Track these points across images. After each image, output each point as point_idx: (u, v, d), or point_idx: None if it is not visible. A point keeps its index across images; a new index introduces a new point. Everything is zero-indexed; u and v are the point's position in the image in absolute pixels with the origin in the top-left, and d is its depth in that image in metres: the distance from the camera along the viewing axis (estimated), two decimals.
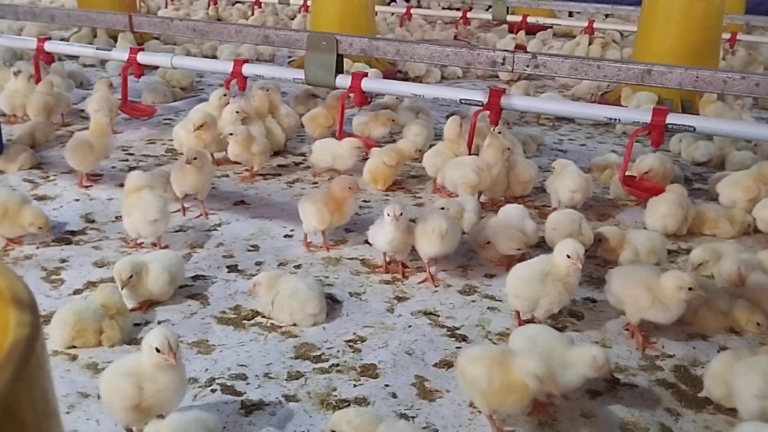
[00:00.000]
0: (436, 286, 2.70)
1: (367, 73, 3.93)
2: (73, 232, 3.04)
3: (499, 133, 3.50)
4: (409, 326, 2.43)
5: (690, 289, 2.23)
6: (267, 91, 4.05)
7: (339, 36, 3.87)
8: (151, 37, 7.14)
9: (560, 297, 2.32)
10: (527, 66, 3.48)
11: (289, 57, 7.55)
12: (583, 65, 3.38)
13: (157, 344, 1.72)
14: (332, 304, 2.54)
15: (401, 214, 2.60)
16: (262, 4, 10.05)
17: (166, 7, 10.39)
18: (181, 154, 3.96)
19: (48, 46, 4.55)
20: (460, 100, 3.65)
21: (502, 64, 3.54)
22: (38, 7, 4.83)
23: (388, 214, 2.60)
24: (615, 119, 3.38)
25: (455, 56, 3.63)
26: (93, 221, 3.17)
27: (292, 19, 9.72)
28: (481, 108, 3.59)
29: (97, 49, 4.50)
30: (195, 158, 3.10)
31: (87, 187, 3.54)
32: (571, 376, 1.94)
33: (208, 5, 10.34)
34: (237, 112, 3.78)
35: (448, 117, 3.75)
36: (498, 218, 2.88)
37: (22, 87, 4.42)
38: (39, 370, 0.58)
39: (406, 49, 3.72)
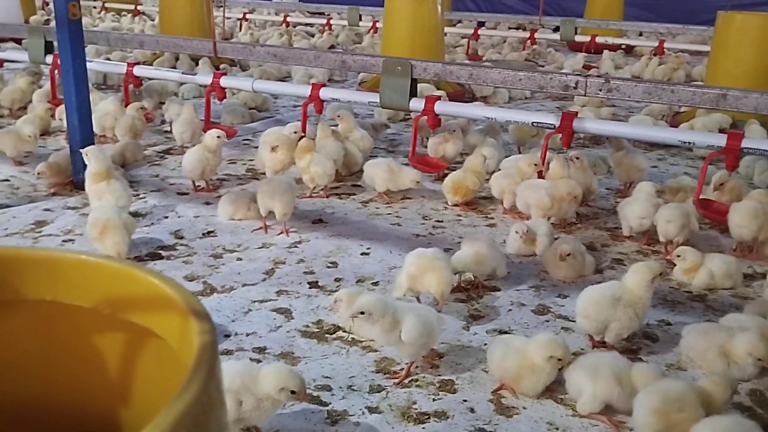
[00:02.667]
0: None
1: (440, 97, 4.04)
2: (164, 248, 3.23)
3: (577, 158, 3.57)
4: (485, 344, 2.51)
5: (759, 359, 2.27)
6: (339, 117, 4.22)
7: (413, 61, 4.00)
8: (228, 60, 7.43)
9: (631, 322, 2.37)
10: (600, 90, 3.53)
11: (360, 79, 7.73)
12: (657, 89, 3.41)
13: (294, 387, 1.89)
14: None
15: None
16: (332, 27, 10.32)
17: (240, 30, 10.75)
18: (263, 174, 4.16)
19: (137, 71, 4.82)
20: (532, 123, 3.73)
21: (575, 88, 3.60)
22: (128, 34, 5.13)
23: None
24: (689, 143, 3.39)
25: (528, 80, 3.71)
26: (182, 237, 3.35)
27: (358, 43, 9.94)
28: (553, 131, 3.65)
29: (182, 73, 4.75)
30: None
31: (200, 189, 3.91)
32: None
33: (284, 23, 10.68)
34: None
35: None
36: None
37: (112, 109, 4.70)
38: (219, 370, 0.70)
39: (479, 74, 3.82)
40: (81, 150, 3.44)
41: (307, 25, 11.24)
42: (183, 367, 0.79)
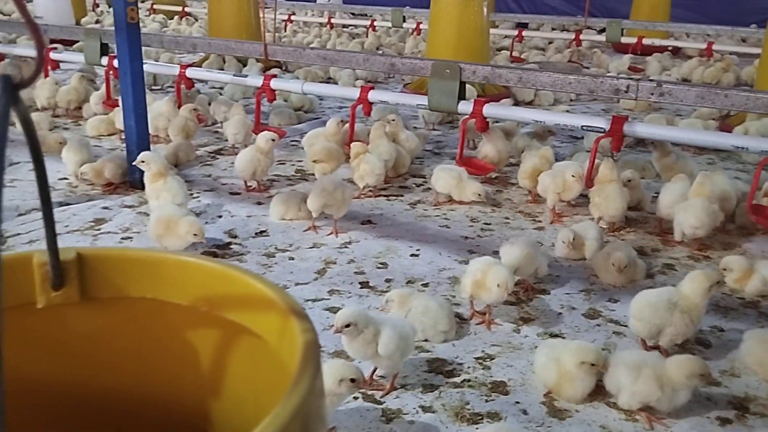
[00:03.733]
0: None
1: (489, 100, 4.05)
2: (218, 246, 3.31)
3: (629, 181, 3.60)
4: (536, 347, 2.52)
5: None
6: (392, 121, 4.27)
7: (462, 64, 4.02)
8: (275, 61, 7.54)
9: (686, 329, 2.37)
10: (651, 94, 3.51)
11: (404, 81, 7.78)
12: (710, 94, 3.39)
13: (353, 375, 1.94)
14: (460, 323, 2.68)
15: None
16: (377, 28, 10.38)
17: (285, 31, 10.87)
18: (311, 174, 4.23)
19: (189, 73, 4.93)
20: (582, 126, 3.73)
21: (626, 92, 3.59)
22: (182, 37, 5.25)
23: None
24: (742, 148, 3.36)
25: (578, 84, 3.71)
26: (236, 236, 3.43)
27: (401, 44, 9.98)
28: (602, 135, 3.65)
29: (234, 75, 4.85)
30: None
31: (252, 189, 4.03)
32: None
33: (328, 25, 10.77)
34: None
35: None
36: None
37: (166, 110, 4.81)
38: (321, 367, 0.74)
39: (528, 77, 3.83)
40: (135, 163, 3.54)
41: (351, 26, 11.31)
42: (280, 363, 0.84)
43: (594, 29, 10.02)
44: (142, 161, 3.47)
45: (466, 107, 4.01)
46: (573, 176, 3.51)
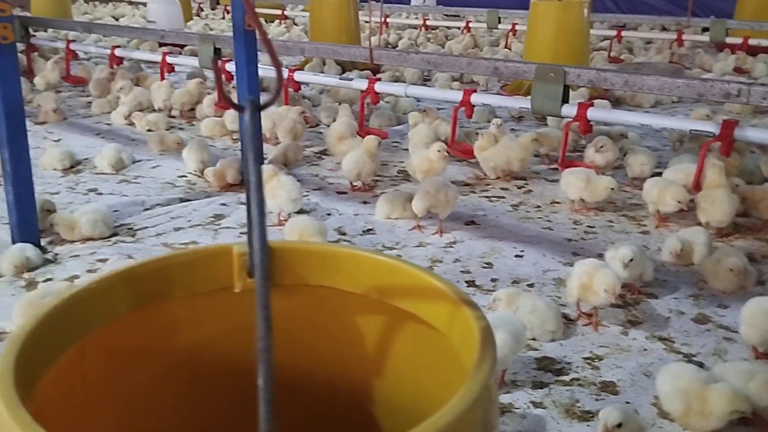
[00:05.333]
0: None
1: (593, 103, 4.07)
2: (330, 243, 3.47)
3: (737, 186, 3.55)
4: (645, 349, 2.57)
5: None
6: (499, 126, 4.35)
7: (567, 68, 4.05)
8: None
9: None
10: (764, 98, 3.46)
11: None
12: None
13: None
14: (567, 323, 2.74)
15: (631, 260, 2.76)
16: (471, 29, 10.43)
17: (380, 34, 11.05)
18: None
19: (297, 76, 5.15)
20: (690, 130, 3.70)
21: (737, 96, 3.54)
22: (290, 41, 5.48)
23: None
24: None
25: (687, 88, 3.68)
26: (344, 233, 3.59)
27: (495, 46, 9.98)
28: (711, 139, 3.61)
29: (339, 78, 5.03)
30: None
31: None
32: None
33: (423, 26, 10.91)
34: (438, 150, 3.97)
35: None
36: None
37: (274, 112, 5.04)
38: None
39: (635, 81, 3.83)
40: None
41: (446, 28, 11.39)
42: (448, 347, 0.95)
43: (696, 29, 9.75)
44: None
45: (569, 110, 4.04)
46: (679, 202, 3.44)
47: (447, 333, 0.94)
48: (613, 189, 3.67)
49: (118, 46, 7.04)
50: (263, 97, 0.79)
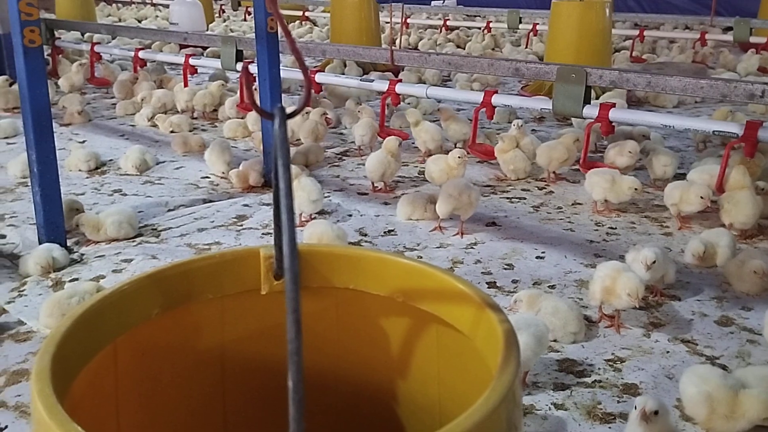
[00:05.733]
0: None
1: (614, 104, 4.05)
2: (351, 244, 3.49)
3: (762, 189, 3.51)
4: (667, 352, 2.55)
5: None
6: (520, 127, 4.35)
7: (588, 68, 4.04)
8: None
9: None
10: None
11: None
12: None
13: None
14: (588, 325, 2.73)
15: (654, 262, 2.74)
16: (492, 29, 10.41)
17: (401, 35, 11.06)
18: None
19: (319, 78, 5.18)
20: (714, 131, 3.67)
21: (761, 96, 3.51)
22: (312, 43, 5.51)
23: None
24: None
25: (710, 89, 3.65)
26: (366, 234, 3.61)
27: (517, 46, 9.95)
28: (735, 140, 3.58)
29: (360, 80, 5.05)
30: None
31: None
32: None
33: (443, 27, 10.91)
34: (459, 157, 3.95)
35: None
36: None
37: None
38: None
39: (657, 81, 3.81)
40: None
41: (467, 28, 11.37)
42: (472, 349, 0.96)
43: (719, 28, 9.66)
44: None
45: (591, 111, 4.03)
46: (702, 198, 3.43)
47: (471, 336, 0.95)
48: (636, 189, 3.65)
49: (142, 48, 7.11)
50: (288, 103, 0.80)
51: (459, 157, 3.84)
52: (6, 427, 2.13)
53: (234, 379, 1.14)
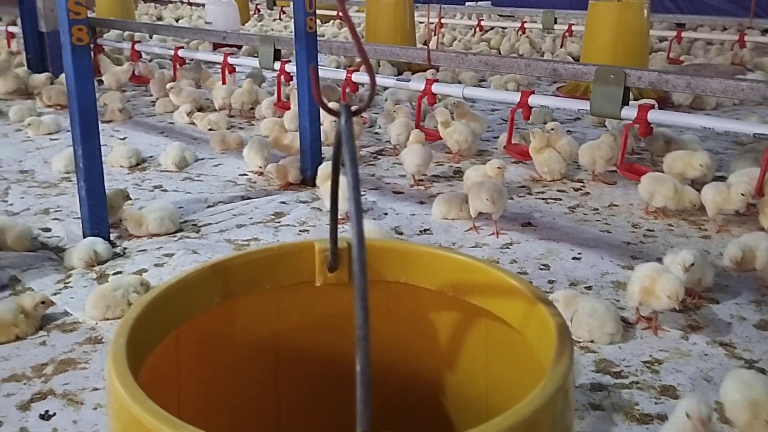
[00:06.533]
0: None
1: (654, 105, 4.03)
2: (406, 241, 3.52)
3: None
4: (705, 354, 2.54)
5: None
6: (552, 130, 4.35)
7: (627, 69, 4.02)
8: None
9: None
10: None
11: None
12: None
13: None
14: (625, 326, 2.73)
15: (692, 264, 2.73)
16: (527, 30, 10.37)
17: (435, 35, 11.08)
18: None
19: (355, 77, 5.22)
20: (754, 134, 3.64)
21: None
22: (349, 43, 5.55)
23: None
24: None
25: (751, 91, 3.61)
26: (402, 233, 3.64)
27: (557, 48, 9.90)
28: None
29: (397, 79, 5.08)
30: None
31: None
32: None
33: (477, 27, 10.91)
34: (499, 168, 3.95)
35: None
36: None
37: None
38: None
39: (698, 83, 3.78)
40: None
41: (501, 28, 11.35)
42: (522, 343, 0.98)
43: (758, 30, 9.51)
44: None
45: (629, 113, 4.01)
46: (742, 194, 3.40)
47: (522, 330, 0.98)
48: (695, 206, 3.61)
49: (181, 47, 7.22)
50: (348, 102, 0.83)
51: (498, 168, 3.84)
52: (54, 414, 2.20)
53: (287, 366, 1.17)
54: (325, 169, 3.77)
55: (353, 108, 0.80)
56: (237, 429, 1.11)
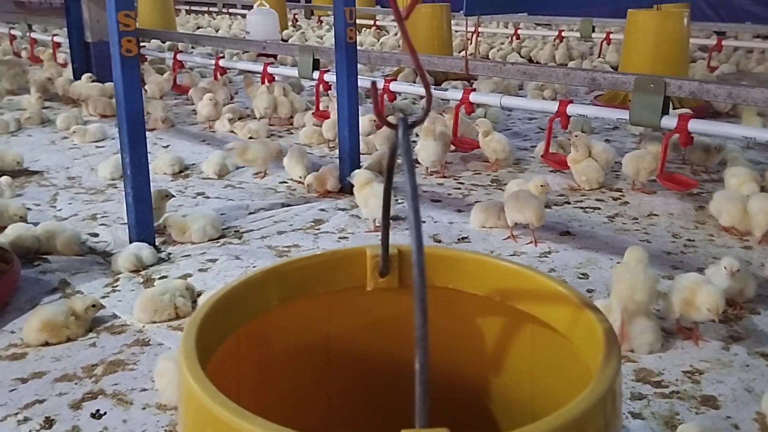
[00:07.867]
0: None
1: (694, 114, 4.01)
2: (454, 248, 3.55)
3: None
4: (747, 365, 2.53)
5: None
6: (576, 136, 4.35)
7: (667, 79, 4.01)
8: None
9: None
10: None
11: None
12: None
13: None
14: (665, 336, 2.72)
15: (738, 270, 2.72)
16: (564, 38, 10.34)
17: (470, 43, 11.11)
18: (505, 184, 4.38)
19: (393, 86, 5.28)
20: None
21: None
22: (387, 53, 5.62)
23: (725, 267, 2.80)
24: None
25: None
26: (440, 241, 3.67)
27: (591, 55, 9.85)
28: None
29: (435, 89, 5.12)
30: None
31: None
32: None
33: (511, 40, 10.90)
34: (542, 186, 3.91)
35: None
36: None
37: (368, 123, 5.19)
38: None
39: (739, 93, 3.75)
40: (348, 178, 3.91)
41: (542, 37, 11.32)
42: (568, 347, 1.01)
43: None
44: (352, 177, 3.86)
45: (669, 122, 3.99)
46: None
47: (568, 335, 1.01)
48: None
49: (222, 57, 7.36)
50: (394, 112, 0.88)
51: (541, 186, 3.83)
52: (105, 413, 2.28)
53: (337, 366, 1.22)
54: (361, 177, 3.81)
55: (410, 121, 0.85)
56: (289, 423, 1.16)
